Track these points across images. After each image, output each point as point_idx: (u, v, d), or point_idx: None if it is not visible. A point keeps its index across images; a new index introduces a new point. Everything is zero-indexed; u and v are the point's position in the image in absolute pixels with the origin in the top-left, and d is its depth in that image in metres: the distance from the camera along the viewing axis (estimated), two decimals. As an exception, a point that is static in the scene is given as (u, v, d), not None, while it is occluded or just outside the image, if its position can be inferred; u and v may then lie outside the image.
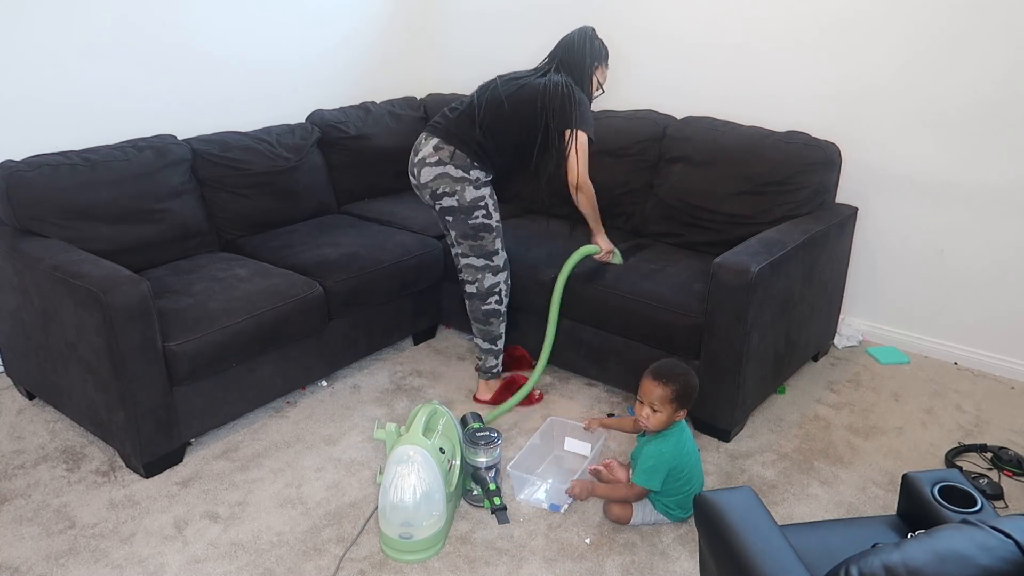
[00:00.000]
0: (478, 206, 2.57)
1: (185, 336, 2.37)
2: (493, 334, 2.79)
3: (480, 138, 2.53)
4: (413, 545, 2.07)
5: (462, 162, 2.53)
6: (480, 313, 2.75)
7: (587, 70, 2.64)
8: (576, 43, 2.65)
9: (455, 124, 2.57)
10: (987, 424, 2.76)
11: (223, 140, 3.15)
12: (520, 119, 2.55)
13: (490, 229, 2.62)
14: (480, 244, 2.63)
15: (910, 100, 3.00)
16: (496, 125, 2.54)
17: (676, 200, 3.11)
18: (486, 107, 2.55)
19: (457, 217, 2.59)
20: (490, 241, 2.64)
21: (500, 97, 2.56)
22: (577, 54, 2.63)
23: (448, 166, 2.53)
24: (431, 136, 2.59)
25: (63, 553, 2.11)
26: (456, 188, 2.54)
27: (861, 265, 3.28)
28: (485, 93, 2.60)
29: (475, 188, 2.56)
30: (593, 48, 2.66)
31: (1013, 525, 1.10)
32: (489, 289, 2.71)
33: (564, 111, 2.52)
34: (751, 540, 1.40)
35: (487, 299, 2.73)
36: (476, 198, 2.56)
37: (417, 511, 2.04)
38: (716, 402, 2.55)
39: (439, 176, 2.55)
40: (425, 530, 2.06)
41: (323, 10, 3.72)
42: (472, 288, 2.73)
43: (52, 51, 2.84)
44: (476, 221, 2.59)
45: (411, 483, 2.03)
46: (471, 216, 2.58)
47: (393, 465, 2.06)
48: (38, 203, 2.60)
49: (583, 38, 2.66)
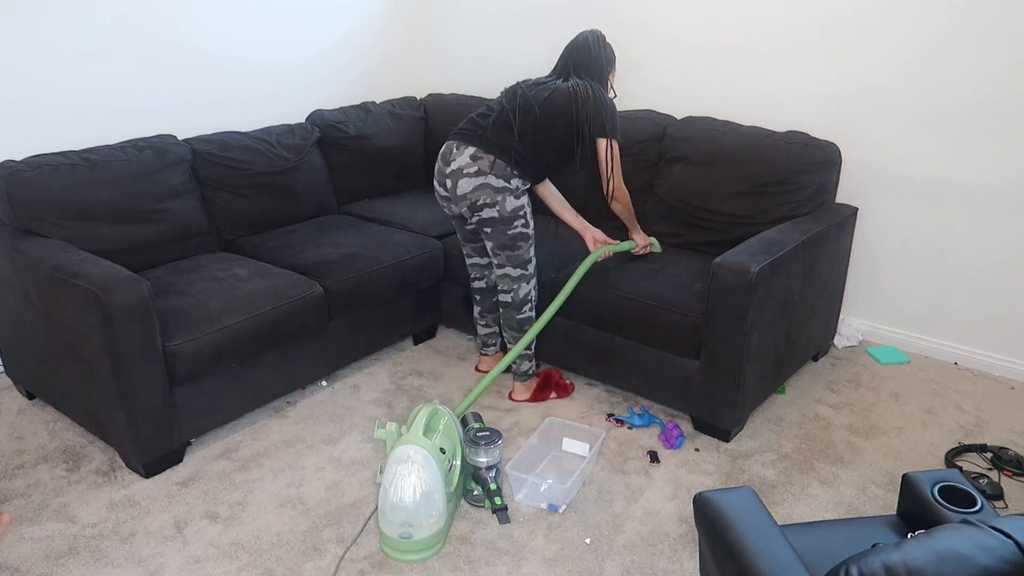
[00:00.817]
0: (518, 215, 2.53)
1: (185, 336, 2.37)
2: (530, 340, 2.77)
3: (519, 146, 2.47)
4: (413, 545, 2.07)
5: (503, 171, 2.47)
6: (515, 323, 2.73)
7: (605, 74, 2.62)
8: (592, 47, 2.61)
9: (492, 132, 2.50)
10: (987, 424, 2.76)
11: (223, 140, 3.15)
12: (554, 125, 2.51)
13: (527, 238, 2.60)
14: (517, 254, 2.61)
15: (910, 100, 3.00)
16: (532, 132, 2.49)
17: (676, 200, 3.11)
18: (520, 114, 2.49)
19: (496, 228, 2.55)
20: (526, 250, 2.62)
21: (531, 103, 2.50)
22: (594, 58, 2.60)
23: (489, 176, 2.47)
24: (465, 144, 2.51)
25: (63, 553, 2.11)
26: (497, 199, 2.49)
27: (861, 265, 3.28)
28: (515, 100, 2.53)
29: (515, 197, 2.51)
30: (607, 52, 2.65)
31: (1013, 525, 1.10)
32: (524, 298, 2.70)
33: (598, 118, 2.51)
34: (751, 540, 1.40)
35: (522, 308, 2.71)
36: (516, 207, 2.52)
37: (417, 511, 2.04)
38: (716, 402, 2.56)
39: (480, 187, 2.48)
40: (425, 530, 2.07)
41: (323, 10, 3.72)
42: (507, 298, 2.70)
43: (52, 51, 2.84)
44: (515, 231, 2.55)
45: (411, 483, 2.03)
46: (511, 227, 2.54)
47: (393, 465, 2.07)
48: (38, 203, 2.60)
49: (597, 42, 2.63)
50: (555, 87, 2.55)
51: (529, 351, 2.82)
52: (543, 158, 2.55)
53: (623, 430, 2.69)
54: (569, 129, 2.51)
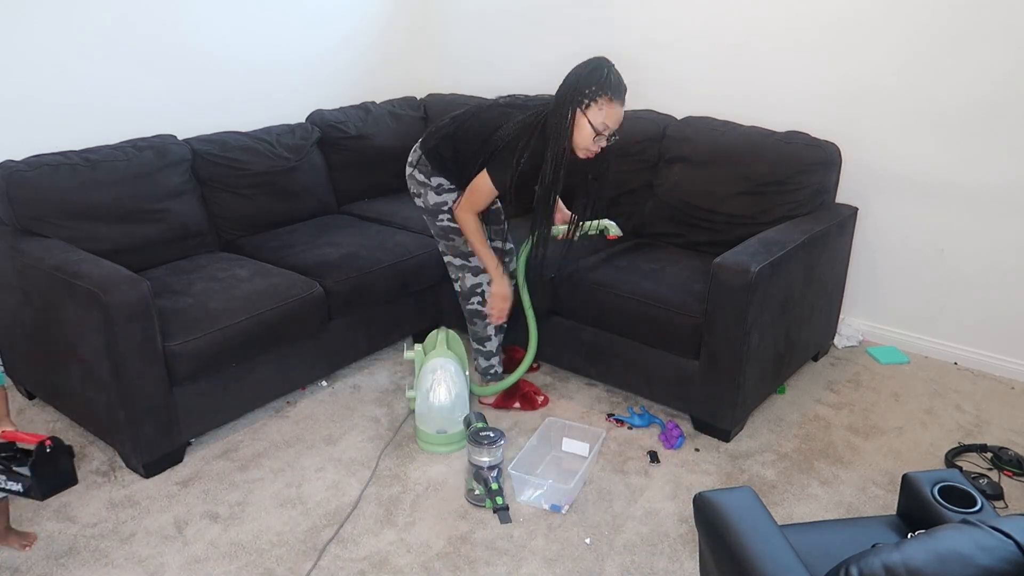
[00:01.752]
0: (441, 210, 2.62)
1: (185, 336, 2.37)
2: (479, 335, 2.78)
3: (445, 151, 2.52)
4: (448, 438, 2.53)
5: (425, 168, 2.59)
6: (466, 312, 2.79)
7: (566, 107, 2.25)
8: (569, 78, 2.28)
9: (432, 132, 2.60)
10: (987, 424, 2.76)
11: (223, 140, 3.15)
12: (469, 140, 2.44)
13: (458, 232, 2.61)
14: (454, 245, 2.67)
15: (910, 100, 3.00)
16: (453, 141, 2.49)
17: (676, 200, 3.11)
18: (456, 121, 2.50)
19: (427, 218, 2.69)
20: (462, 243, 2.64)
21: (473, 115, 2.48)
22: (562, 89, 2.29)
23: (415, 170, 2.61)
24: (417, 142, 2.66)
25: (63, 553, 2.11)
26: (421, 191, 2.62)
27: (861, 265, 3.28)
28: (470, 109, 2.53)
29: (436, 194, 2.60)
30: (580, 83, 2.24)
31: (1013, 525, 1.10)
32: (471, 289, 2.72)
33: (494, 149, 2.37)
34: (751, 540, 1.40)
35: (470, 298, 2.75)
36: (439, 203, 2.61)
37: (453, 410, 2.52)
38: (716, 402, 2.56)
39: (409, 177, 2.65)
40: (455, 426, 2.53)
41: (323, 10, 3.72)
42: (456, 287, 2.78)
43: (52, 51, 2.84)
44: (443, 223, 2.63)
45: (446, 388, 2.51)
46: (436, 218, 2.64)
47: (428, 375, 2.52)
48: (38, 203, 2.60)
49: (574, 72, 2.28)
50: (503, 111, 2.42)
51: (486, 349, 2.79)
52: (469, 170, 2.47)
53: (623, 430, 2.69)
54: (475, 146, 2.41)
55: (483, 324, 2.76)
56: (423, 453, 2.56)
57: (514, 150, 2.32)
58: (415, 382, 2.59)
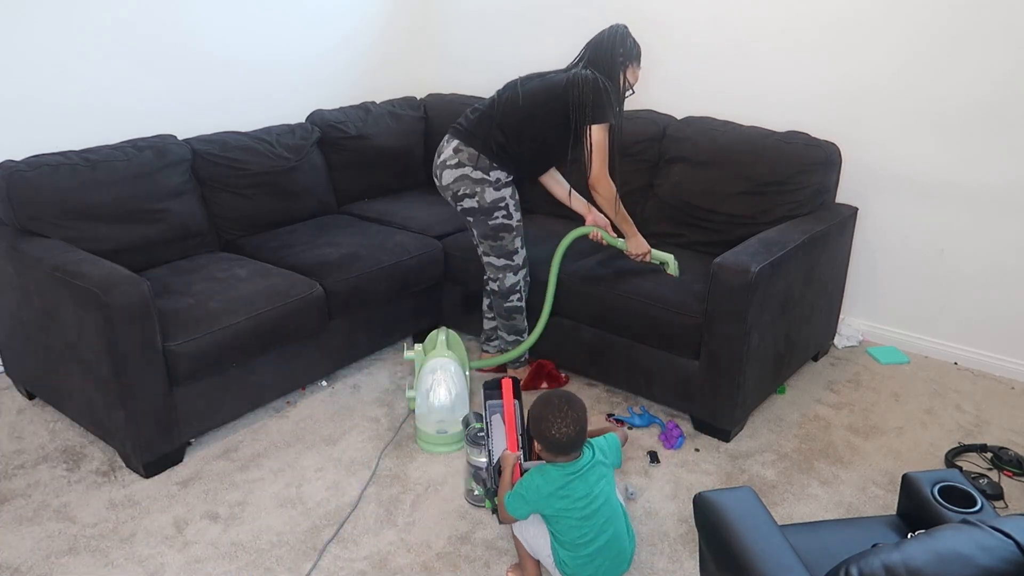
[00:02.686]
0: (498, 207, 2.61)
1: (185, 336, 2.37)
2: (517, 328, 2.88)
3: (500, 137, 2.55)
4: (447, 439, 2.53)
5: (482, 163, 2.56)
6: (503, 310, 2.83)
7: (617, 67, 2.57)
8: (606, 41, 2.59)
9: (475, 125, 2.60)
10: (987, 424, 2.76)
11: (223, 140, 3.15)
12: (537, 114, 2.55)
13: (510, 229, 2.66)
14: (500, 244, 2.68)
15: (910, 100, 3.00)
16: (513, 121, 2.55)
17: (676, 200, 3.11)
18: (503, 105, 2.57)
19: (478, 218, 2.64)
20: (510, 241, 2.68)
21: (517, 95, 2.57)
22: (607, 52, 2.58)
23: (467, 167, 2.57)
24: (452, 138, 2.63)
25: (63, 553, 2.11)
26: (476, 190, 2.58)
27: (861, 265, 3.28)
28: (505, 92, 2.62)
29: (495, 189, 2.59)
30: (625, 46, 2.58)
31: (1013, 525, 1.10)
32: (511, 288, 2.77)
33: (585, 105, 2.49)
34: (751, 540, 1.40)
35: (509, 297, 2.78)
36: (496, 199, 2.60)
37: (453, 410, 2.51)
38: (716, 402, 2.56)
39: (460, 178, 2.59)
40: (455, 426, 2.53)
41: (323, 10, 3.72)
42: (494, 286, 2.79)
43: (52, 51, 2.84)
44: (496, 222, 2.63)
45: (445, 388, 2.50)
46: (491, 217, 2.62)
47: (428, 375, 2.51)
48: (38, 203, 2.60)
49: (614, 36, 2.60)
50: (549, 77, 2.59)
51: (522, 339, 2.89)
52: (529, 149, 2.59)
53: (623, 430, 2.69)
54: (554, 117, 2.52)
55: (521, 318, 2.84)
56: (423, 453, 2.56)
57: (599, 91, 2.49)
58: (415, 382, 2.59)
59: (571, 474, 1.84)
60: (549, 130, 2.56)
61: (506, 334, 2.91)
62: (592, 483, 1.85)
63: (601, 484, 1.87)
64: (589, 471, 1.86)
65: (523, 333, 2.89)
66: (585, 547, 1.85)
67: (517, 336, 2.90)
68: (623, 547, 1.91)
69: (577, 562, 1.86)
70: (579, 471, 1.85)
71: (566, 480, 1.83)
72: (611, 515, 1.88)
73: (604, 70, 2.55)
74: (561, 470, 1.84)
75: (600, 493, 1.86)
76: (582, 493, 1.83)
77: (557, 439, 1.80)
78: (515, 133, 2.56)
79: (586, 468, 1.86)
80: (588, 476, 1.85)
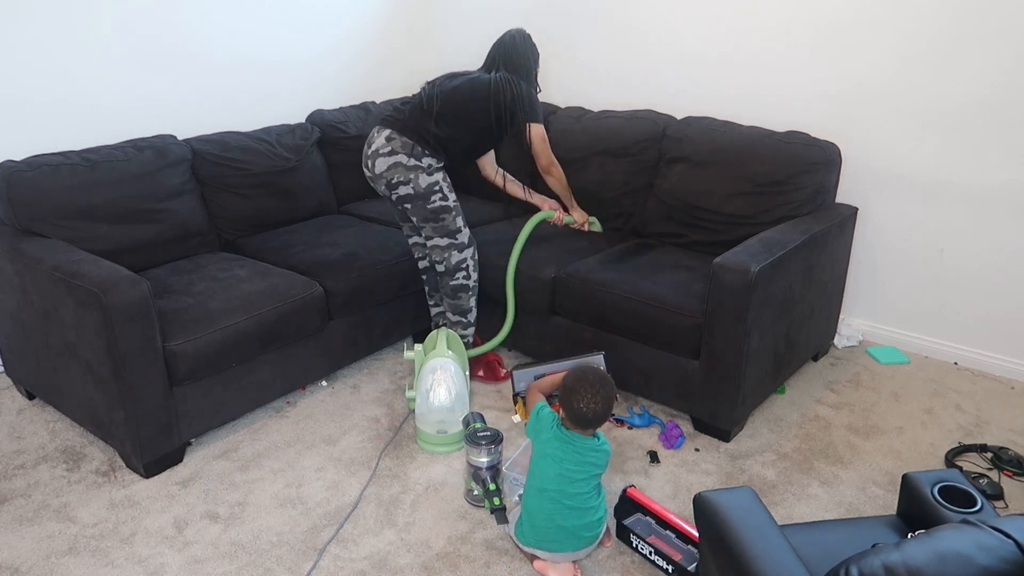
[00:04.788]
0: (433, 191, 2.71)
1: (185, 336, 2.37)
2: (463, 307, 2.92)
3: (435, 129, 2.68)
4: (447, 439, 2.53)
5: (415, 152, 2.67)
6: (449, 289, 2.88)
7: (531, 70, 2.85)
8: (519, 45, 2.83)
9: (408, 117, 2.72)
10: (987, 424, 2.76)
11: (223, 140, 3.15)
12: (470, 110, 2.73)
13: (448, 210, 2.76)
14: (443, 225, 2.77)
15: (910, 100, 3.00)
16: (450, 115, 2.70)
17: (676, 200, 3.11)
18: (440, 99, 2.70)
19: (416, 204, 2.73)
20: (451, 220, 2.77)
21: (448, 89, 2.73)
22: (520, 55, 2.82)
23: (400, 155, 2.67)
24: (383, 128, 2.74)
25: (63, 553, 2.11)
26: (410, 176, 2.68)
27: (861, 265, 3.28)
28: (435, 88, 2.75)
29: (428, 175, 2.70)
30: (533, 51, 2.87)
31: (1013, 525, 1.10)
32: (456, 265, 2.84)
33: (518, 106, 2.73)
34: (751, 540, 1.40)
35: (455, 275, 2.85)
36: (431, 183, 2.70)
37: (453, 410, 2.52)
38: (716, 402, 2.56)
39: (393, 166, 2.69)
40: (455, 426, 2.53)
41: (323, 10, 3.72)
42: (441, 267, 2.86)
43: (52, 51, 2.84)
44: (434, 205, 2.73)
45: (445, 388, 2.51)
46: (429, 201, 2.72)
47: (428, 375, 2.51)
48: (38, 203, 2.60)
49: (524, 41, 2.85)
50: (476, 77, 2.78)
51: (467, 320, 2.95)
52: (462, 139, 2.77)
53: (623, 430, 2.69)
54: (485, 115, 2.72)
55: (468, 297, 2.90)
56: (423, 453, 2.56)
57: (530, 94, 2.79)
58: (415, 382, 2.59)
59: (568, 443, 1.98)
60: (481, 124, 2.75)
61: (451, 314, 2.94)
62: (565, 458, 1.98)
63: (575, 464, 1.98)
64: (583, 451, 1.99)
65: (468, 314, 2.94)
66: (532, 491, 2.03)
67: (462, 317, 2.93)
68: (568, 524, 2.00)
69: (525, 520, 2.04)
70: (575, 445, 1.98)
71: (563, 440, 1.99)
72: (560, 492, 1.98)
73: (522, 73, 2.80)
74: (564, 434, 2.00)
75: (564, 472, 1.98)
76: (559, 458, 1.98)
77: (583, 413, 1.95)
78: (450, 126, 2.70)
79: (583, 449, 1.99)
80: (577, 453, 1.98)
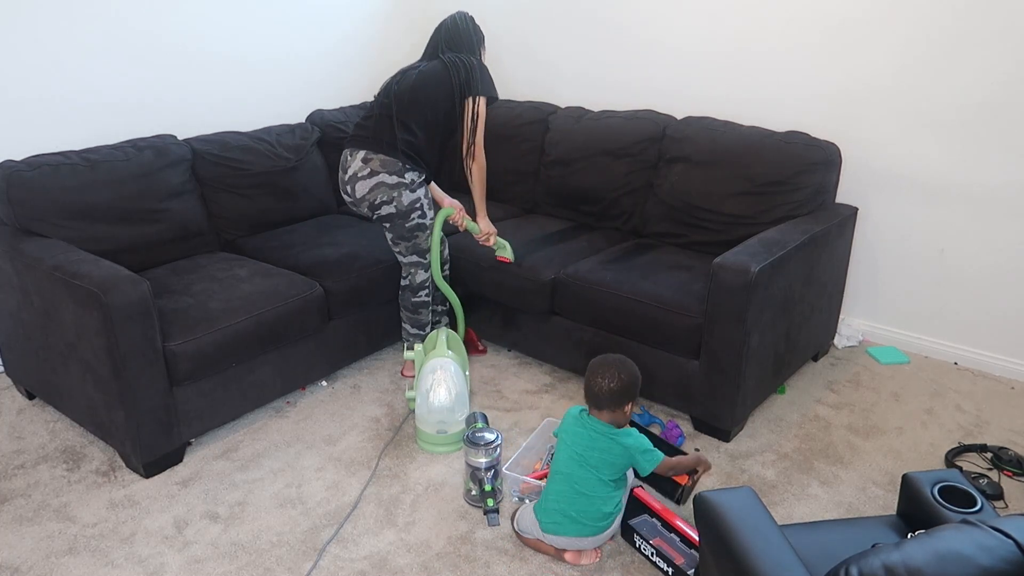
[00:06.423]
0: (415, 208, 2.69)
1: (185, 336, 2.37)
2: (422, 322, 2.97)
3: (403, 133, 2.61)
4: (447, 439, 2.53)
5: (395, 167, 2.62)
6: (410, 304, 2.91)
7: (476, 51, 2.77)
8: (460, 25, 2.76)
9: (375, 131, 2.65)
10: (987, 424, 2.76)
11: (223, 140, 3.15)
12: (434, 98, 2.64)
13: (424, 228, 2.77)
14: (415, 243, 2.77)
15: (910, 100, 2.99)
16: (411, 110, 2.63)
17: (676, 200, 3.11)
18: (394, 101, 2.64)
19: (395, 223, 2.72)
20: (424, 239, 2.78)
21: (404, 90, 2.64)
22: (464, 35, 2.76)
23: (381, 174, 2.62)
24: (357, 150, 2.67)
25: (63, 553, 2.11)
26: (393, 195, 2.65)
27: (861, 265, 3.28)
28: (390, 93, 2.68)
29: (411, 191, 2.67)
30: (477, 32, 2.80)
31: (1013, 525, 1.10)
32: (421, 284, 2.87)
33: (470, 80, 2.66)
34: (751, 540, 1.40)
35: (418, 292, 2.88)
36: (413, 200, 2.68)
37: (452, 410, 2.52)
38: (716, 402, 2.55)
39: (375, 187, 2.64)
40: (455, 426, 2.52)
41: (323, 10, 3.72)
42: (405, 282, 2.89)
43: (52, 51, 2.84)
44: (412, 223, 2.72)
45: (445, 388, 2.50)
46: (407, 219, 2.70)
47: (428, 374, 2.51)
48: (38, 203, 2.60)
49: (466, 23, 2.78)
50: (425, 66, 2.70)
51: (424, 332, 2.96)
52: (434, 140, 2.69)
53: (623, 430, 2.69)
54: (448, 98, 2.66)
55: (426, 312, 2.93)
56: (423, 453, 2.56)
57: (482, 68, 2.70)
58: (415, 382, 2.59)
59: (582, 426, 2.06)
60: (445, 108, 2.67)
61: (410, 327, 2.96)
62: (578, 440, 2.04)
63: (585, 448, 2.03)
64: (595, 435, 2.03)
65: (425, 327, 2.96)
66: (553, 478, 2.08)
67: (420, 330, 2.95)
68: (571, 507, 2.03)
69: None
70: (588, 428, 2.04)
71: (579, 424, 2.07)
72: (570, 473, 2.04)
73: (466, 52, 2.73)
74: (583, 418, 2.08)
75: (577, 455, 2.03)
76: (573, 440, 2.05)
77: (591, 387, 2.05)
78: (417, 124, 2.64)
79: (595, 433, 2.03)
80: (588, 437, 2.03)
